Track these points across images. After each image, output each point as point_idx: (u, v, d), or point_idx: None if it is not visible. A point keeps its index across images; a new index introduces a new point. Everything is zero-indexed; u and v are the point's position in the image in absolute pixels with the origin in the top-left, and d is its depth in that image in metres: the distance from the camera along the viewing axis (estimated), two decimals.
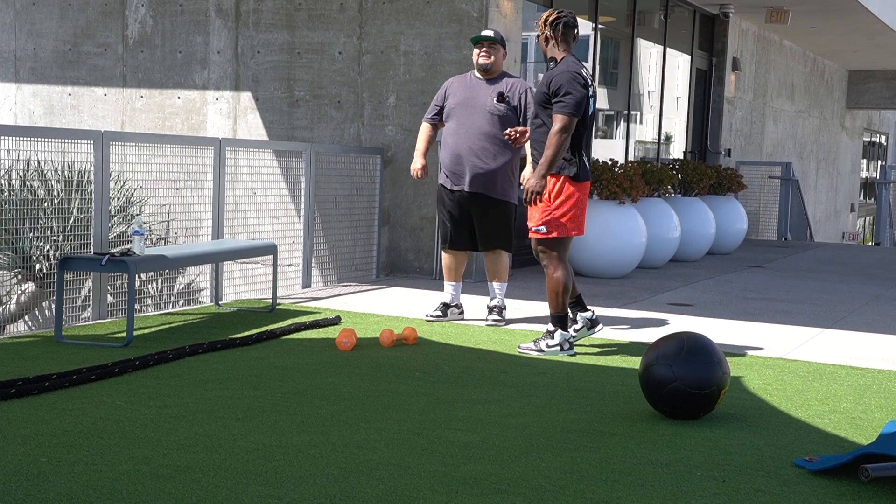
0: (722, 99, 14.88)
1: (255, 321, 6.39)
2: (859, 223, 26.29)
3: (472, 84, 6.54)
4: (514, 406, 4.40)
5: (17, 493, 3.02)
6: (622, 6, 12.53)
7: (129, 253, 5.65)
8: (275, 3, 9.62)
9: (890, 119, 28.61)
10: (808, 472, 3.55)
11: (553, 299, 5.61)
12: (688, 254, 11.04)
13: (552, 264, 5.59)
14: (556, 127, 5.41)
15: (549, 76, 5.53)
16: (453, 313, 6.68)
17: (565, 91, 5.42)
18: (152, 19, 10.19)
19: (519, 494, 3.19)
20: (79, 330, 5.91)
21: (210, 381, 4.65)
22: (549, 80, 5.50)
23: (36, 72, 10.85)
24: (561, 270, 5.58)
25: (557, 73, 5.51)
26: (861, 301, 8.46)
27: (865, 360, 5.82)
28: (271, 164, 8.49)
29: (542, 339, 5.66)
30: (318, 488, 3.17)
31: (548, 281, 5.63)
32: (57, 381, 4.39)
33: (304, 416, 4.09)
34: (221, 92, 9.90)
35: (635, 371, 4.76)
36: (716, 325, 6.81)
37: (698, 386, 4.13)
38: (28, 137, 6.26)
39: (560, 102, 5.42)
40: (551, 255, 5.60)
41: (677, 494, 3.26)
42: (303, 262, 8.11)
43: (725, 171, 12.51)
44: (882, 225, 21.47)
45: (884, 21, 15.24)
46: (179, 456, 3.46)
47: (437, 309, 6.67)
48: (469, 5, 8.74)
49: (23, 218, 6.80)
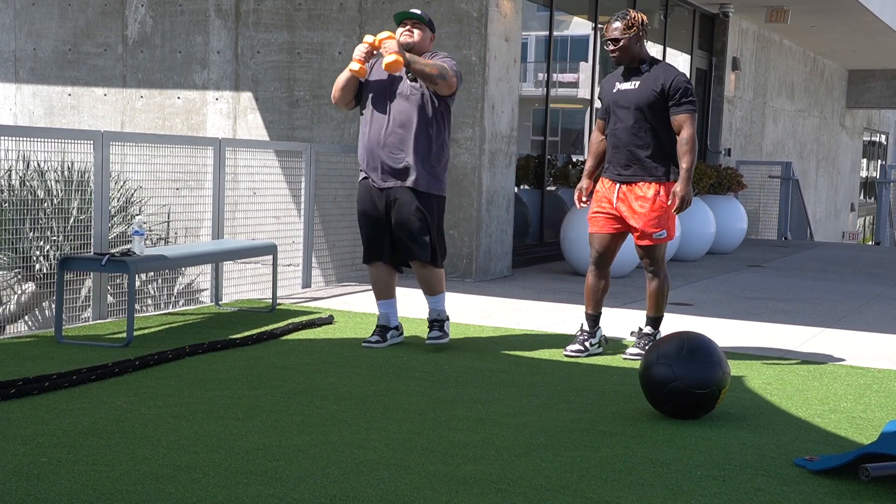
0: (722, 98, 14.88)
1: (255, 321, 6.39)
2: (859, 223, 26.29)
3: None
4: (514, 406, 4.40)
5: (17, 493, 3.01)
6: (622, 6, 12.53)
7: (129, 253, 5.65)
8: (275, 3, 9.62)
9: (890, 118, 28.61)
10: (808, 472, 3.55)
11: (661, 302, 5.60)
12: (688, 253, 11.04)
13: (662, 268, 5.58)
14: (690, 130, 5.35)
15: (662, 77, 5.42)
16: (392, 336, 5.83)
17: (690, 91, 5.41)
18: (152, 19, 10.19)
19: (519, 494, 3.19)
20: (79, 330, 5.91)
21: (210, 381, 4.65)
22: (663, 81, 5.40)
23: (36, 72, 10.85)
24: (667, 274, 5.62)
25: (671, 73, 5.44)
26: (861, 300, 8.46)
27: (865, 360, 5.82)
28: (271, 164, 8.49)
29: (645, 341, 5.59)
30: (318, 488, 3.17)
31: (659, 285, 5.57)
32: (57, 381, 4.39)
33: (304, 416, 4.09)
34: (221, 92, 9.90)
35: (635, 371, 4.76)
36: (716, 325, 6.81)
37: (698, 385, 4.13)
38: (28, 137, 6.25)
39: (687, 102, 5.38)
40: (662, 259, 5.57)
41: (677, 494, 3.26)
42: (303, 262, 8.11)
43: (725, 171, 12.51)
44: (882, 224, 21.47)
45: (883, 20, 15.24)
46: (179, 456, 3.46)
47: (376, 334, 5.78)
48: (469, 5, 8.74)
49: (23, 218, 6.80)
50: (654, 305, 5.62)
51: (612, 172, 5.55)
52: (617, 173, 5.52)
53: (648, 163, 5.43)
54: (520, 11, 9.21)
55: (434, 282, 5.69)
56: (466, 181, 8.76)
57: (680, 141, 5.38)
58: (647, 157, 5.43)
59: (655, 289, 5.59)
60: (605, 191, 5.58)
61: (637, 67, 5.51)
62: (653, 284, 5.59)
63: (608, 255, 5.63)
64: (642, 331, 5.67)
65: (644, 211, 5.43)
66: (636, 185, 5.45)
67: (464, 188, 8.77)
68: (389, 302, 5.79)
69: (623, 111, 5.48)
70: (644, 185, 5.44)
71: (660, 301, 5.61)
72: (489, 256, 9.00)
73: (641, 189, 5.44)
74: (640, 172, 5.45)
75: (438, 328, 5.74)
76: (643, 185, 5.44)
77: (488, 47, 8.72)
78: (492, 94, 8.81)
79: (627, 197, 5.48)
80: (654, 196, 5.42)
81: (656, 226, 5.44)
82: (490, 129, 8.82)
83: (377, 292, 5.80)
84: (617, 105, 5.51)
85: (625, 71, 5.55)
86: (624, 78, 5.54)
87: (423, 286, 5.73)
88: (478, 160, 8.74)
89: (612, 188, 5.54)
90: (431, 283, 5.70)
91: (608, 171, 5.60)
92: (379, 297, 5.79)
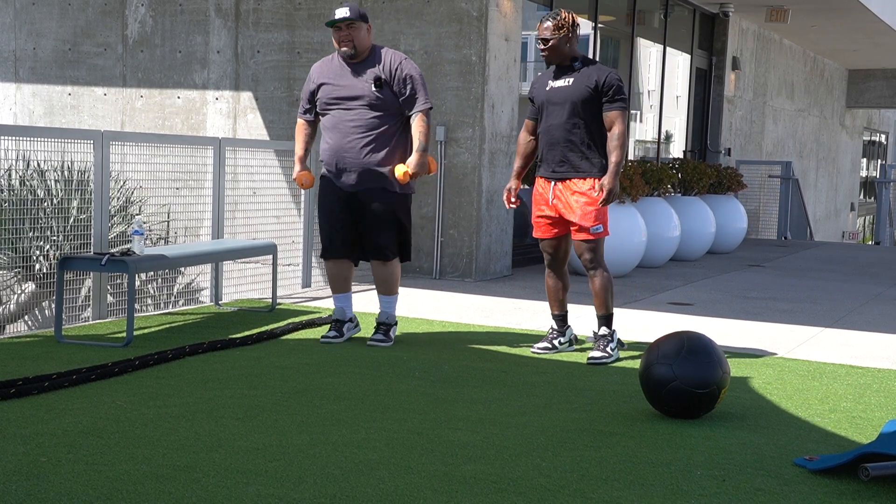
0: (722, 98, 14.88)
1: (255, 321, 6.39)
2: (859, 222, 26.29)
3: (343, 71, 5.65)
4: (515, 405, 4.40)
5: (17, 493, 3.02)
6: (622, 5, 12.53)
7: (129, 253, 5.65)
8: (275, 3, 9.61)
9: (890, 118, 28.61)
10: (808, 472, 3.55)
11: (607, 299, 5.60)
12: (688, 253, 11.04)
13: (602, 264, 5.58)
14: (621, 126, 5.42)
15: (595, 74, 5.47)
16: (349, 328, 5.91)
17: (622, 89, 5.47)
18: (152, 19, 10.19)
19: (519, 494, 3.19)
20: (79, 330, 5.91)
21: (210, 381, 4.65)
22: (597, 78, 5.45)
23: (36, 71, 10.85)
24: (607, 270, 5.62)
25: (603, 71, 5.50)
26: (861, 300, 8.46)
27: (865, 359, 5.82)
28: (271, 164, 8.49)
29: (603, 343, 5.58)
30: (318, 488, 3.17)
31: (601, 281, 5.57)
32: (57, 381, 4.39)
33: (304, 415, 4.09)
34: (221, 92, 9.90)
35: (635, 371, 4.76)
36: (716, 325, 6.81)
37: (698, 385, 4.13)
38: (28, 137, 6.26)
39: (620, 100, 5.44)
40: (601, 255, 5.59)
41: (677, 494, 3.26)
42: (303, 261, 8.11)
43: (725, 171, 12.51)
44: (882, 224, 21.46)
45: (884, 20, 15.24)
46: (179, 456, 3.46)
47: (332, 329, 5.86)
48: (469, 5, 8.74)
49: (23, 218, 6.80)
50: (602, 303, 5.60)
51: (547, 170, 5.60)
52: (552, 170, 5.57)
53: (582, 159, 5.50)
54: (520, 11, 9.21)
55: (392, 282, 5.78)
56: (466, 181, 8.76)
57: (611, 136, 5.45)
58: (582, 153, 5.50)
59: (599, 286, 5.58)
60: (542, 191, 5.63)
61: (570, 65, 5.57)
62: (596, 282, 5.58)
63: (560, 256, 5.71)
64: (597, 333, 5.65)
65: (580, 205, 5.49)
66: (571, 181, 5.52)
67: (464, 188, 8.77)
68: (346, 296, 5.88)
69: (557, 108, 5.54)
70: (579, 181, 5.50)
71: (606, 298, 5.60)
72: (489, 256, 9.00)
73: (576, 185, 5.51)
74: (574, 168, 5.51)
75: (384, 332, 5.79)
76: (578, 180, 5.50)
77: (488, 47, 8.72)
78: (492, 94, 8.81)
79: (563, 193, 5.53)
80: (588, 191, 5.48)
81: (594, 219, 5.49)
82: (490, 128, 8.82)
83: (335, 287, 5.86)
84: (550, 102, 5.57)
85: (556, 70, 5.61)
86: (556, 76, 5.60)
87: (381, 286, 5.80)
88: (478, 160, 8.74)
89: (548, 187, 5.59)
90: (389, 282, 5.78)
91: (542, 170, 5.64)
92: (337, 291, 5.87)
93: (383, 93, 5.58)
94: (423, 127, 5.60)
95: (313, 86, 5.76)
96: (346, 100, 5.62)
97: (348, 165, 5.62)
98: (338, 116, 5.64)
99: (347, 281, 5.88)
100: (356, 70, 5.63)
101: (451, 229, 8.87)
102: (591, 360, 5.51)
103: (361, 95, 5.58)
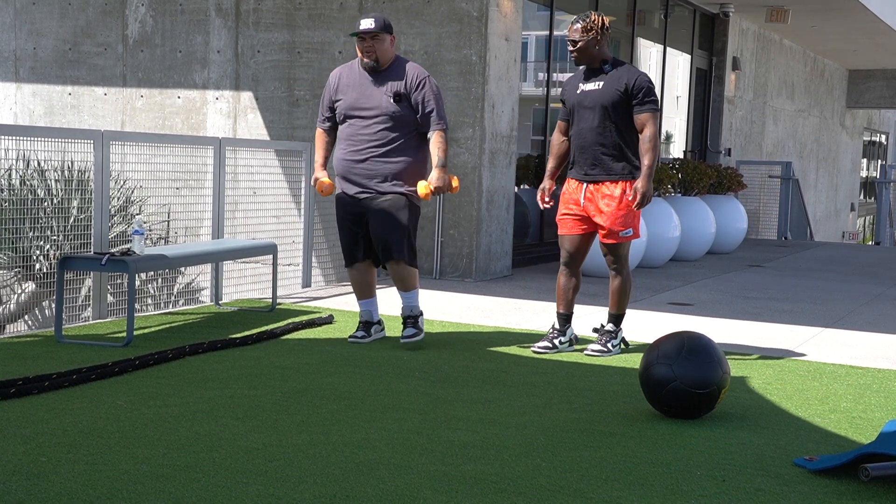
0: (722, 98, 14.88)
1: (255, 321, 6.39)
2: (859, 222, 26.29)
3: (363, 81, 5.68)
4: (514, 405, 4.41)
5: (17, 493, 3.02)
6: (622, 5, 12.53)
7: (129, 252, 5.65)
8: (275, 3, 9.61)
9: (890, 118, 28.61)
10: (808, 472, 3.55)
11: (621, 300, 5.67)
12: (688, 253, 11.04)
13: (625, 266, 5.64)
14: (652, 129, 5.44)
15: (626, 77, 5.48)
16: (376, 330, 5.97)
17: (652, 91, 5.48)
18: (152, 19, 10.19)
19: (519, 494, 3.19)
20: (79, 329, 5.91)
21: (210, 381, 4.65)
22: (626, 80, 5.46)
23: (36, 71, 10.85)
24: (629, 272, 5.69)
25: (633, 73, 5.51)
26: (861, 300, 8.46)
27: (865, 359, 5.82)
28: (271, 164, 8.49)
29: (605, 338, 5.67)
30: (318, 488, 3.17)
31: (621, 283, 5.64)
32: (57, 381, 4.39)
33: (304, 415, 4.09)
34: (221, 91, 9.90)
35: (635, 371, 4.76)
36: (716, 325, 6.81)
37: (698, 385, 4.13)
38: (28, 137, 6.26)
39: (650, 102, 5.45)
40: (625, 257, 5.63)
41: (677, 494, 3.26)
42: (303, 261, 8.11)
43: (725, 171, 12.51)
44: (882, 224, 21.47)
45: (884, 20, 15.25)
46: (179, 456, 3.46)
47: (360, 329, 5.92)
48: (469, 5, 8.74)
49: (23, 217, 6.80)
50: (617, 303, 5.70)
51: (579, 172, 5.62)
52: (584, 173, 5.59)
53: (614, 162, 5.52)
54: (520, 11, 9.21)
55: (407, 277, 5.76)
56: (466, 181, 8.75)
57: (642, 139, 5.46)
58: (613, 157, 5.52)
59: (618, 286, 5.66)
60: (572, 192, 5.65)
61: (599, 68, 5.58)
62: (615, 282, 5.66)
63: (579, 256, 5.73)
64: (604, 327, 5.73)
65: (611, 209, 5.51)
66: (603, 185, 5.54)
67: (464, 188, 8.76)
68: (371, 300, 5.93)
69: (587, 111, 5.56)
70: (610, 185, 5.53)
71: (622, 299, 5.69)
72: (489, 256, 9.00)
73: (608, 188, 5.53)
74: (606, 171, 5.53)
75: (412, 324, 5.80)
76: (609, 184, 5.53)
77: (488, 47, 8.72)
78: (492, 94, 8.81)
79: (594, 196, 5.56)
80: (620, 195, 5.50)
81: (623, 224, 5.53)
82: (490, 128, 8.82)
83: (360, 293, 5.92)
84: (581, 106, 5.58)
85: (586, 71, 5.63)
86: (586, 78, 5.62)
87: (398, 283, 5.81)
88: (478, 160, 8.74)
89: (579, 188, 5.61)
90: (406, 279, 5.77)
91: (574, 172, 5.67)
92: (362, 297, 5.92)
93: (402, 106, 5.61)
94: (443, 143, 5.66)
95: (332, 96, 5.79)
96: (363, 110, 5.65)
97: (360, 175, 5.66)
98: (355, 126, 5.68)
99: (371, 286, 5.92)
100: (377, 81, 5.64)
101: (451, 229, 8.87)
102: (589, 352, 5.61)
103: (379, 107, 5.62)
